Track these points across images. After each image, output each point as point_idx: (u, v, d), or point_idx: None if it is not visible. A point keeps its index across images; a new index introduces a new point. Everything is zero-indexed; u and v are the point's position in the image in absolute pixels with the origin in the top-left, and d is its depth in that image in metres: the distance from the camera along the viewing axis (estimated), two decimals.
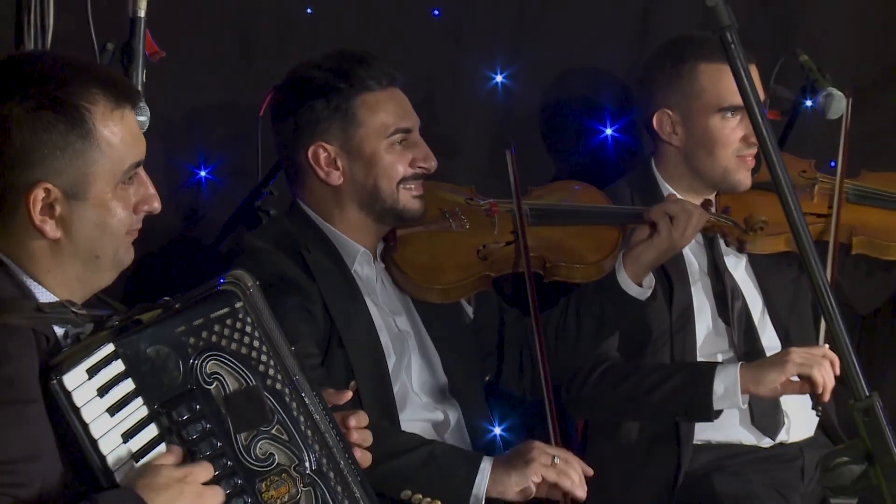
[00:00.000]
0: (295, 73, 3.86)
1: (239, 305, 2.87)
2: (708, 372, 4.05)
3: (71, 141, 2.80)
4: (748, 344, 4.26)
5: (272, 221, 4.05)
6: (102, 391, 2.74)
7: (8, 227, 2.83)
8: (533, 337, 3.78)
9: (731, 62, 2.63)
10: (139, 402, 2.77)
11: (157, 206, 2.93)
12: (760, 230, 4.02)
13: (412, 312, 3.92)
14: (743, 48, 2.66)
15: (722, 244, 4.21)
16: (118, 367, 2.76)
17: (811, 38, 4.67)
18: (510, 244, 3.88)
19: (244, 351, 2.86)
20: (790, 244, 4.12)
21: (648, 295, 3.99)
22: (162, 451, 2.78)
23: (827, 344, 4.10)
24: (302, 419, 2.89)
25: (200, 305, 2.86)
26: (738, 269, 4.26)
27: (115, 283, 2.99)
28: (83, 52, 3.66)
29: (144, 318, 2.83)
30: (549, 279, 3.91)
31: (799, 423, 4.27)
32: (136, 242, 2.96)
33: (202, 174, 4.40)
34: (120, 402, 2.75)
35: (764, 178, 4.10)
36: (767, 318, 4.33)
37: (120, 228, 2.88)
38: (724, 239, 4.12)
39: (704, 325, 4.24)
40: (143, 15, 3.80)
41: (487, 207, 3.95)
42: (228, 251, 4.01)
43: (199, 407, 2.81)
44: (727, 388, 4.02)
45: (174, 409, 2.80)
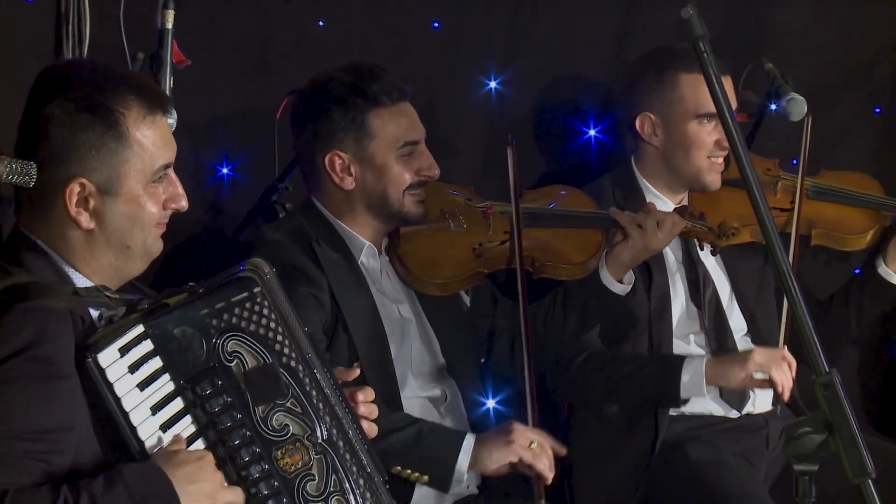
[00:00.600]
0: (314, 85, 3.85)
1: (257, 290, 2.87)
2: (676, 365, 4.06)
3: (106, 141, 2.80)
4: (717, 326, 4.26)
5: (287, 216, 4.05)
6: (133, 368, 2.74)
7: (48, 218, 2.83)
8: (521, 328, 3.80)
9: (703, 69, 2.62)
10: (166, 378, 2.77)
11: (184, 204, 2.93)
12: (732, 235, 4.02)
13: (414, 301, 3.92)
14: (717, 59, 2.65)
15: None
16: (147, 346, 2.76)
17: (776, 47, 4.66)
18: (503, 243, 3.89)
19: (261, 331, 2.86)
20: (756, 235, 4.13)
21: (628, 291, 3.99)
22: (187, 422, 2.78)
23: (789, 329, 4.11)
24: (314, 393, 2.89)
25: (222, 290, 2.86)
26: (709, 258, 4.25)
27: (146, 269, 2.97)
28: (116, 61, 3.65)
29: (171, 301, 2.82)
30: (537, 276, 3.92)
31: (763, 396, 4.26)
32: (164, 233, 2.94)
33: (224, 171, 4.40)
34: (149, 378, 2.75)
35: (733, 175, 4.14)
36: (735, 302, 4.33)
37: (149, 222, 2.87)
38: (699, 243, 4.11)
39: (679, 308, 4.24)
40: (170, 27, 3.79)
41: (483, 209, 3.95)
42: (247, 242, 4.00)
43: (220, 382, 2.81)
44: (692, 378, 4.04)
45: (198, 384, 2.79)
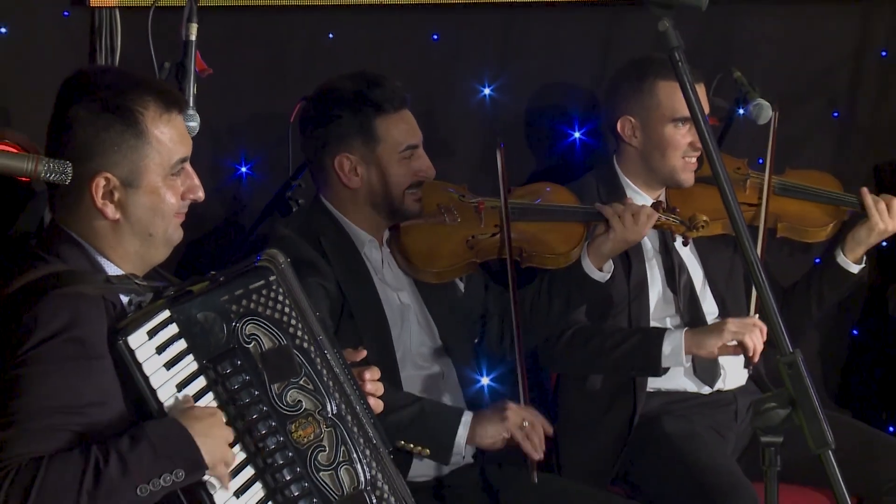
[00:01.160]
0: (324, 92, 3.85)
1: (272, 279, 2.87)
2: (657, 336, 4.06)
3: (126, 138, 2.80)
4: (691, 309, 4.25)
5: (297, 212, 4.06)
6: (160, 349, 2.74)
7: (78, 210, 2.83)
8: (512, 312, 3.79)
9: (678, 77, 2.61)
10: (190, 358, 2.77)
11: (200, 194, 2.93)
12: (702, 228, 4.01)
13: (413, 288, 3.91)
14: (691, 68, 2.64)
15: None
16: (173, 329, 2.76)
17: (744, 58, 4.65)
18: (494, 236, 3.88)
19: (277, 316, 2.86)
20: (727, 228, 4.12)
21: (607, 278, 3.98)
22: (209, 398, 2.78)
23: (757, 314, 4.12)
24: (324, 372, 2.89)
25: (241, 278, 2.86)
26: (683, 248, 4.25)
27: (171, 259, 2.98)
28: (145, 69, 3.64)
29: (195, 288, 2.82)
30: (525, 265, 3.92)
31: (733, 374, 4.26)
32: (188, 226, 2.95)
33: (243, 170, 4.39)
34: (174, 358, 2.75)
35: (706, 173, 4.14)
36: (707, 288, 4.32)
37: (169, 212, 2.87)
38: (672, 234, 4.10)
39: (656, 293, 4.23)
40: (193, 39, 3.78)
41: (476, 205, 3.94)
42: (263, 235, 4.00)
43: (239, 362, 2.80)
44: (673, 349, 4.03)
45: (219, 364, 2.79)
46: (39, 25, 4.10)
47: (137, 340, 2.71)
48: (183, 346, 2.76)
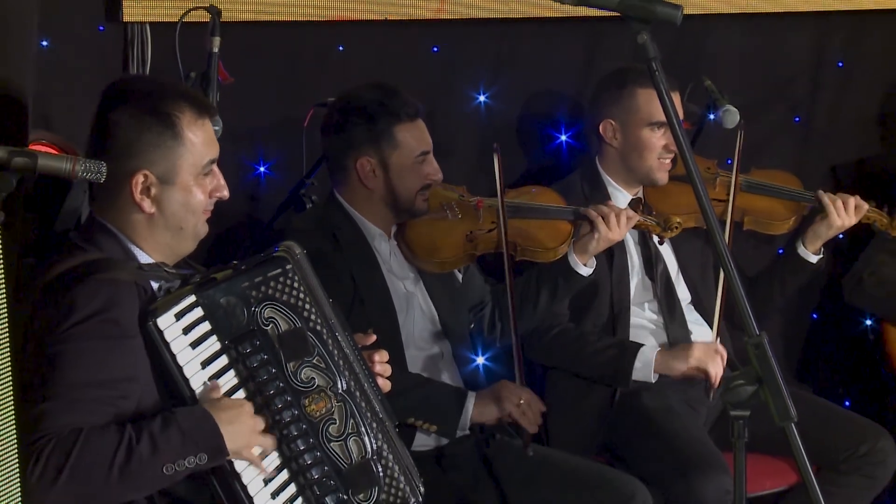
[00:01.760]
0: (348, 100, 3.84)
1: (289, 267, 2.87)
2: (632, 352, 4.06)
3: (164, 139, 2.81)
4: (667, 295, 4.24)
5: (313, 208, 4.06)
6: (187, 330, 2.74)
7: (116, 204, 2.84)
8: (506, 301, 3.79)
9: (655, 85, 2.60)
10: (214, 339, 2.76)
11: (226, 193, 2.94)
12: (675, 229, 4.01)
13: (417, 278, 3.91)
14: (667, 77, 2.64)
15: None
16: (198, 312, 2.75)
17: (714, 68, 4.65)
18: (490, 231, 3.88)
19: (292, 301, 2.85)
20: (699, 221, 4.11)
21: (591, 273, 3.97)
22: (231, 375, 2.77)
23: (719, 339, 4.10)
24: (335, 352, 2.89)
25: (260, 267, 2.86)
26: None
27: (199, 250, 2.99)
28: (173, 78, 3.64)
29: (218, 276, 2.82)
30: (518, 259, 3.92)
31: None
32: (213, 221, 2.96)
33: (261, 169, 4.38)
34: (199, 338, 2.75)
35: (680, 172, 4.13)
36: (681, 276, 4.32)
37: (199, 208, 2.88)
38: (648, 233, 4.11)
39: (635, 280, 4.22)
40: (216, 51, 3.79)
41: (475, 203, 3.94)
42: (281, 228, 4.00)
43: (258, 343, 2.80)
44: (644, 365, 4.04)
45: (240, 344, 2.79)
46: (77, 39, 4.09)
47: (166, 322, 2.70)
48: (207, 327, 2.75)
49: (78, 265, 2.73)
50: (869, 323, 4.73)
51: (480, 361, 3.96)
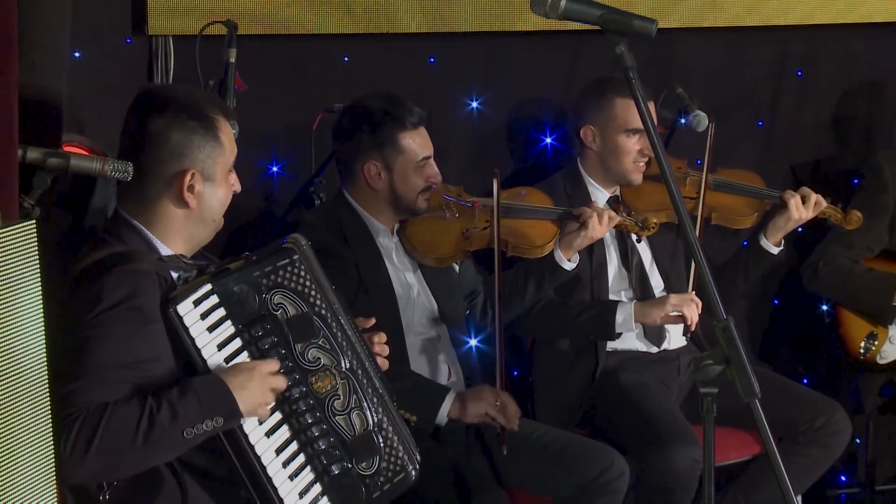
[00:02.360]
0: (358, 107, 3.81)
1: (296, 258, 2.86)
2: (612, 307, 4.05)
3: (208, 141, 2.83)
4: (642, 284, 4.23)
5: (323, 205, 4.05)
6: (204, 316, 2.72)
7: (152, 201, 2.83)
8: (496, 294, 3.77)
9: (632, 91, 2.58)
10: (228, 323, 2.74)
11: (239, 188, 2.95)
12: (651, 229, 3.99)
13: (417, 270, 3.89)
14: (643, 85, 2.61)
15: None
16: (214, 299, 2.73)
17: (685, 77, 4.63)
18: (484, 230, 3.86)
19: (299, 288, 2.84)
20: (671, 217, 4.10)
21: (574, 267, 3.96)
22: (245, 356, 2.76)
23: (694, 291, 4.10)
24: (339, 334, 2.87)
25: (270, 258, 2.84)
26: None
27: (216, 242, 2.99)
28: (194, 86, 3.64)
29: (232, 266, 2.80)
30: (509, 255, 3.90)
31: (676, 336, 4.25)
32: (230, 216, 2.96)
33: (274, 169, 4.36)
34: (215, 323, 2.73)
35: (654, 172, 4.12)
36: (655, 267, 4.30)
37: (227, 201, 2.90)
38: (627, 232, 4.09)
39: (613, 271, 4.20)
40: (233, 61, 3.80)
41: (471, 204, 3.92)
42: (292, 223, 3.98)
43: (269, 326, 2.78)
44: (625, 318, 4.02)
45: (252, 328, 2.77)
46: (106, 50, 4.09)
47: (185, 308, 2.69)
48: (222, 313, 2.73)
49: (105, 257, 2.72)
50: (825, 308, 4.72)
51: (473, 343, 3.94)
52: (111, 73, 4.08)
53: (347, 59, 4.41)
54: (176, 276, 2.78)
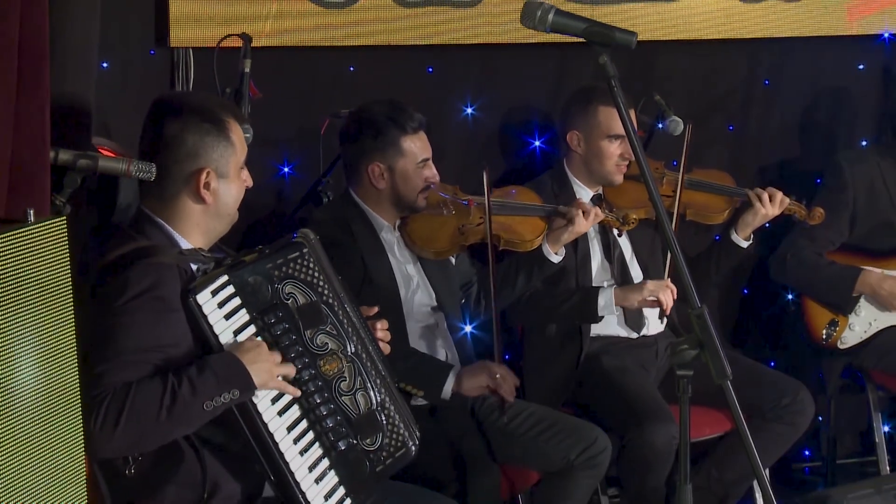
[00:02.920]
0: (362, 113, 3.80)
1: (305, 251, 2.86)
2: (594, 293, 4.04)
3: (220, 141, 2.82)
4: (623, 275, 4.21)
5: (330, 203, 4.03)
6: (221, 304, 2.71)
7: (172, 199, 2.83)
8: (489, 284, 3.77)
9: (613, 98, 2.56)
10: (244, 311, 2.74)
11: (251, 183, 2.95)
12: (631, 224, 3.98)
13: (417, 263, 3.88)
14: (624, 94, 2.60)
15: None
16: (230, 289, 2.73)
17: (663, 85, 4.62)
18: (479, 225, 3.85)
19: (308, 278, 2.83)
20: (650, 213, 4.10)
21: (560, 260, 3.96)
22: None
23: (670, 277, 4.09)
24: (345, 321, 2.87)
25: (281, 251, 2.84)
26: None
27: (232, 236, 2.98)
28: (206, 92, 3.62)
29: (247, 259, 2.80)
30: (501, 248, 3.89)
31: (654, 323, 4.23)
32: (244, 213, 2.96)
33: (285, 170, 4.35)
34: (232, 311, 2.73)
35: (634, 172, 4.11)
36: (635, 259, 4.29)
37: (240, 196, 2.90)
38: (609, 227, 4.08)
39: (596, 263, 4.19)
40: (248, 71, 3.79)
41: (466, 201, 3.91)
42: (302, 219, 3.98)
43: (281, 314, 2.78)
44: (606, 303, 4.02)
45: (266, 315, 2.76)
46: (131, 61, 4.08)
47: (204, 298, 2.69)
48: (238, 302, 2.73)
49: (130, 251, 2.72)
50: (791, 297, 4.72)
51: (468, 330, 3.94)
52: (136, 82, 4.07)
53: (353, 69, 4.40)
54: (195, 267, 2.77)
